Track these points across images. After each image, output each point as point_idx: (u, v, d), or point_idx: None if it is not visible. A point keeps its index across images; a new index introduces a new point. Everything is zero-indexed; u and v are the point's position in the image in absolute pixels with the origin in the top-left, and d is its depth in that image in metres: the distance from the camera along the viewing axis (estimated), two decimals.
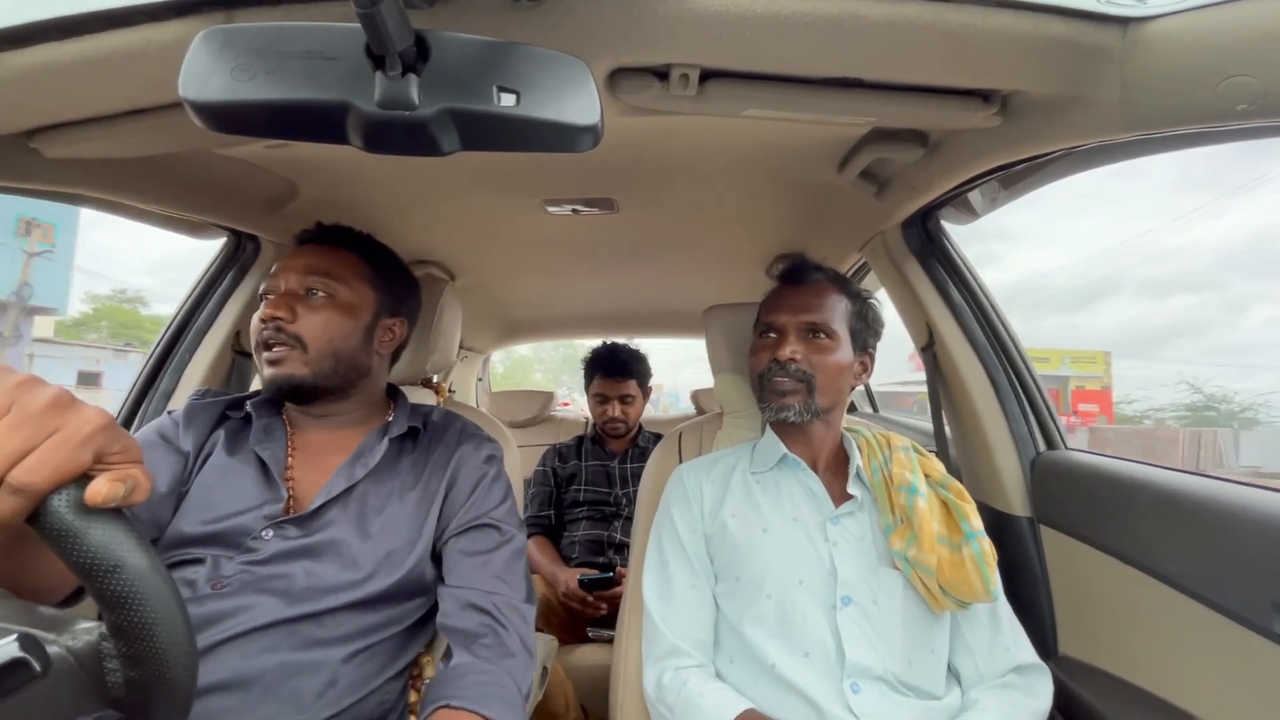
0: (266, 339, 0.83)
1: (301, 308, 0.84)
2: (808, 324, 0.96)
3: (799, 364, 0.94)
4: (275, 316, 0.82)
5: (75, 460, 0.41)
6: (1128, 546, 0.88)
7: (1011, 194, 0.99)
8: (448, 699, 0.70)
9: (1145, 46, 0.57)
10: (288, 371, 0.83)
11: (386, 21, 0.39)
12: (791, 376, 0.94)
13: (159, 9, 0.55)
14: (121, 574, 0.41)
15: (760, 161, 1.07)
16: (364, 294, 0.90)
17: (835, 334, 0.96)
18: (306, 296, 0.86)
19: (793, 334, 0.96)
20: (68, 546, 0.40)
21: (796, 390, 0.94)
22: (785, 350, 0.94)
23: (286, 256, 0.90)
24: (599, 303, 2.31)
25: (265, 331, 0.83)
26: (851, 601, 0.85)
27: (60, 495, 0.40)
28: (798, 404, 0.94)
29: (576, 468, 2.01)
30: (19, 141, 0.74)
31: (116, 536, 0.41)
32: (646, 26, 0.58)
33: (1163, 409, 20.15)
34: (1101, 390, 12.40)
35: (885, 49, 0.60)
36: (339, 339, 0.86)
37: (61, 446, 0.40)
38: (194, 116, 0.44)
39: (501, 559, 0.85)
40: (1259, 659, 0.69)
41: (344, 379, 0.88)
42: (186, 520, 0.77)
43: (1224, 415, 17.92)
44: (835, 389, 0.96)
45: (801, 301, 0.98)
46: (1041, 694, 0.83)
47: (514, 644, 0.79)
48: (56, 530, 0.40)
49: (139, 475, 0.44)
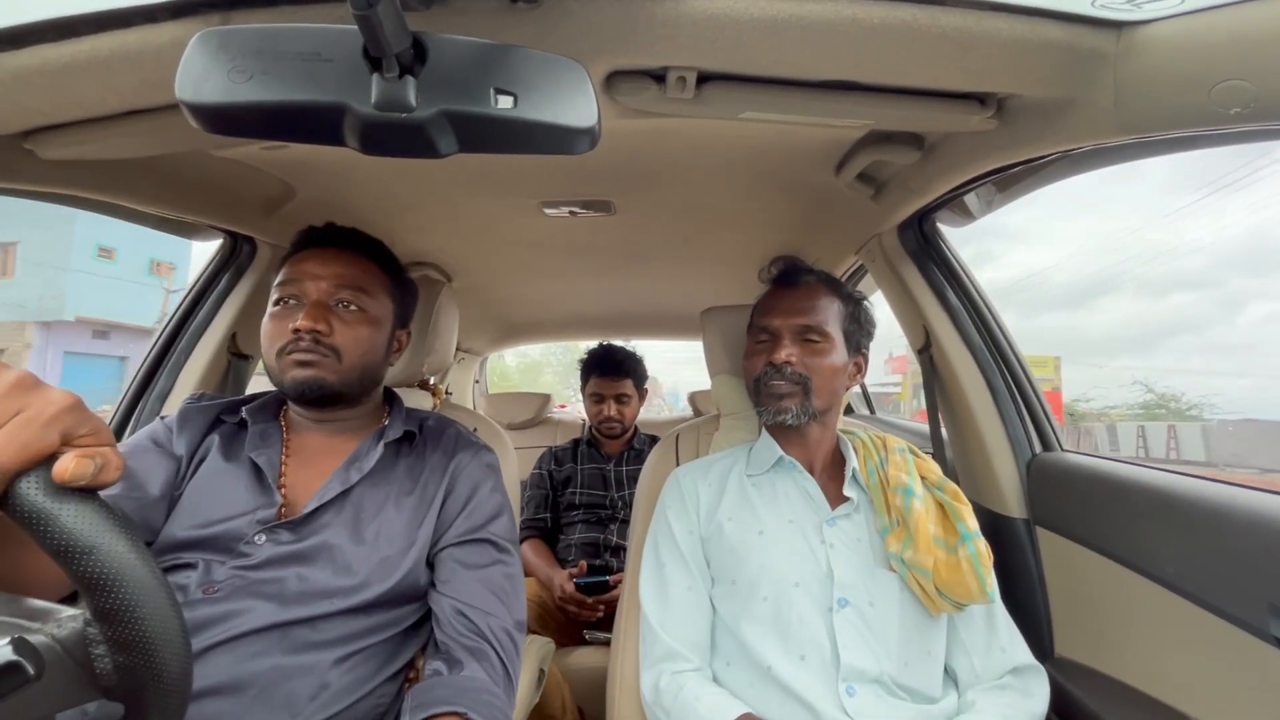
0: (302, 347, 0.82)
1: (335, 320, 0.84)
2: (802, 326, 0.97)
3: (794, 367, 0.94)
4: (314, 329, 0.82)
5: (42, 440, 0.40)
6: (1124, 548, 0.88)
7: (1007, 196, 0.99)
8: (466, 708, 0.70)
9: (1139, 50, 0.57)
10: (319, 375, 0.83)
11: (383, 23, 0.39)
12: (788, 380, 0.94)
13: (155, 10, 0.55)
14: (98, 555, 0.40)
15: (757, 164, 1.07)
16: (386, 307, 0.91)
17: (829, 336, 0.97)
18: (336, 308, 0.85)
19: (787, 337, 0.97)
20: (40, 529, 0.39)
21: (793, 393, 0.94)
22: (781, 353, 0.94)
23: (303, 257, 0.88)
24: (596, 304, 2.31)
25: (302, 341, 0.82)
26: (848, 603, 0.85)
27: (29, 477, 0.40)
28: (795, 406, 0.94)
29: (572, 471, 2.01)
30: (14, 143, 0.74)
31: (90, 518, 0.40)
32: (643, 29, 0.58)
33: (1117, 406, 21.45)
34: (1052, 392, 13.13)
35: (881, 52, 0.60)
36: (369, 353, 0.88)
37: (27, 426, 0.40)
38: (190, 118, 0.44)
39: (498, 577, 0.85)
40: (1254, 660, 0.69)
41: (364, 388, 0.90)
42: (178, 525, 0.77)
43: (1172, 412, 19.10)
44: (830, 391, 0.97)
45: (795, 304, 0.98)
46: (1038, 695, 0.83)
47: (510, 670, 0.79)
48: (27, 513, 0.39)
49: (109, 454, 0.43)
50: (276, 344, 0.84)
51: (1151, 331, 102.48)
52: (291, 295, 0.86)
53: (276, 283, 0.87)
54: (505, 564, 0.87)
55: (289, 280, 0.86)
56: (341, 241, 0.91)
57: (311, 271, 0.86)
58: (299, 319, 0.82)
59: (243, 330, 1.26)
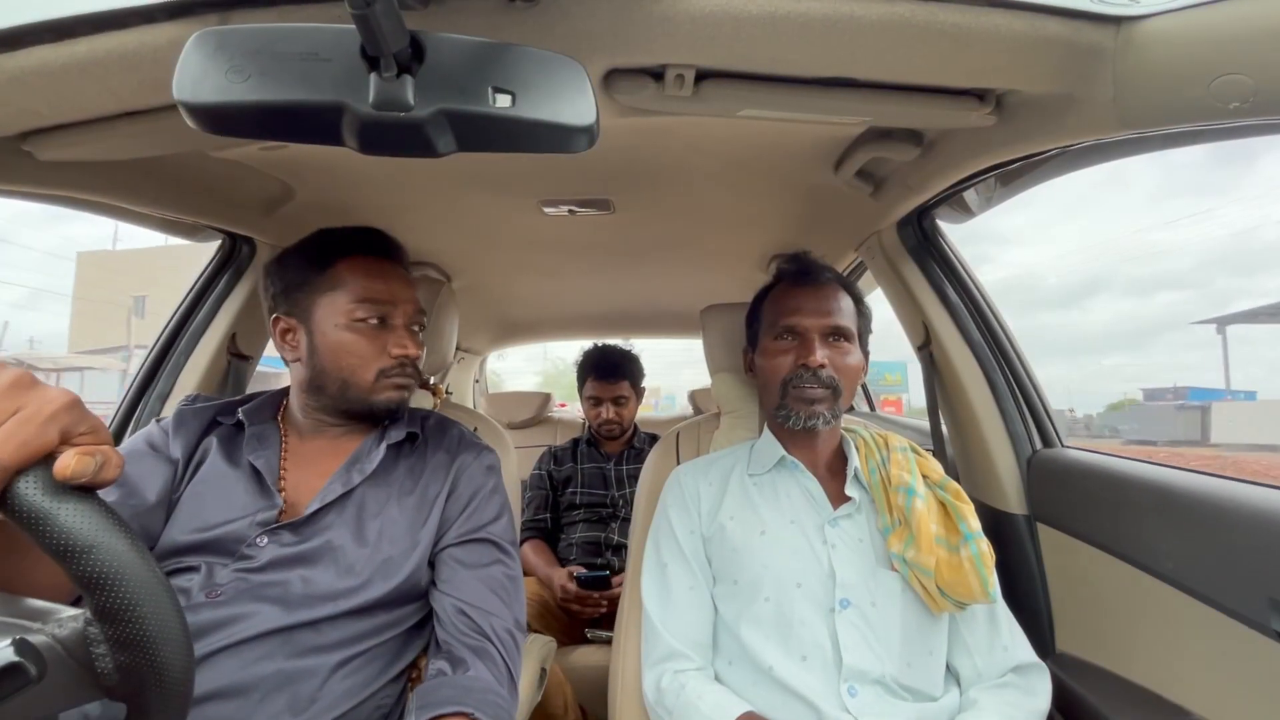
0: (407, 373, 0.89)
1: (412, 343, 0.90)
2: (832, 328, 0.95)
3: (829, 370, 0.92)
4: (417, 356, 0.90)
5: (41, 438, 0.40)
6: (1125, 544, 0.88)
7: (1007, 192, 0.99)
8: (472, 709, 0.70)
9: (1138, 45, 0.57)
10: (408, 397, 0.91)
11: (381, 22, 0.39)
12: (823, 384, 0.92)
13: (153, 11, 0.54)
14: (97, 554, 0.40)
15: (756, 161, 1.07)
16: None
17: (853, 337, 0.96)
18: (409, 326, 0.90)
19: (818, 339, 0.94)
20: (39, 528, 0.39)
21: (825, 398, 0.92)
22: (816, 356, 0.91)
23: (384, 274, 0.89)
24: (596, 303, 2.31)
25: (408, 368, 0.89)
26: (850, 604, 0.84)
27: (28, 475, 0.40)
28: (826, 411, 0.92)
29: (572, 471, 2.01)
30: (12, 144, 0.74)
31: (89, 517, 0.40)
32: (641, 27, 0.58)
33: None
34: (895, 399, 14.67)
35: (880, 49, 0.60)
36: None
37: (26, 424, 0.40)
38: (188, 118, 0.44)
39: (499, 577, 0.85)
40: (1256, 655, 0.69)
41: None
42: (178, 528, 0.77)
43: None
44: (852, 392, 0.97)
45: (822, 305, 0.96)
46: (1040, 693, 0.83)
47: (513, 670, 0.80)
48: (26, 512, 0.39)
49: (109, 452, 0.42)
50: (375, 365, 0.86)
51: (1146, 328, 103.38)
52: (382, 316, 0.87)
53: (359, 297, 0.86)
54: (506, 564, 0.87)
55: (380, 300, 0.87)
56: (392, 254, 0.93)
57: (400, 295, 0.89)
58: (405, 344, 0.87)
59: (242, 331, 1.26)
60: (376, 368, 0.86)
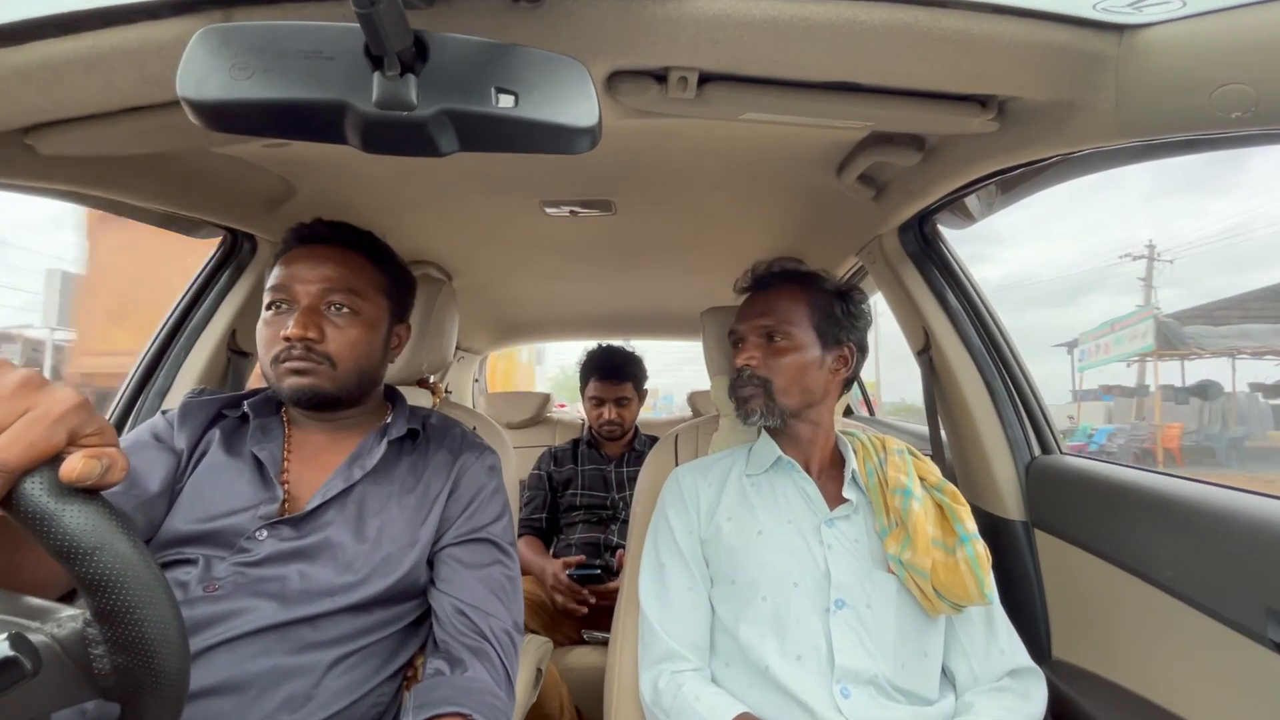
0: (295, 355, 0.81)
1: (326, 325, 0.82)
2: (762, 328, 0.98)
3: (754, 369, 0.96)
4: (305, 338, 0.80)
5: (49, 439, 0.40)
6: (1122, 551, 0.88)
7: (1008, 199, 0.99)
8: (470, 710, 0.70)
9: (1141, 54, 0.57)
10: (313, 383, 0.81)
11: (385, 21, 0.39)
12: (748, 383, 0.96)
13: (158, 7, 0.55)
14: (101, 556, 0.40)
15: (758, 165, 1.07)
16: (380, 305, 0.89)
17: (792, 335, 0.97)
18: (328, 311, 0.83)
19: (750, 340, 0.99)
20: (44, 529, 0.39)
21: (755, 395, 0.96)
22: (740, 357, 0.98)
23: (293, 257, 0.86)
24: (596, 304, 2.30)
25: (295, 350, 0.80)
26: (845, 605, 0.85)
27: (34, 476, 0.39)
28: (760, 407, 0.96)
29: (572, 472, 2.00)
30: (15, 138, 0.74)
31: (94, 519, 0.40)
32: (645, 29, 0.58)
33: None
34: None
35: (883, 53, 0.60)
36: (365, 356, 0.86)
37: (35, 425, 0.39)
38: (192, 115, 0.44)
39: (498, 577, 0.85)
40: (1252, 664, 0.69)
41: (362, 390, 0.89)
42: (180, 519, 0.77)
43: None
44: (800, 389, 0.96)
45: (756, 308, 1.01)
46: (1036, 698, 0.83)
47: (510, 671, 0.80)
48: (32, 513, 0.39)
49: (115, 454, 0.42)
50: (271, 351, 0.82)
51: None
52: (283, 300, 0.84)
53: (269, 285, 0.85)
54: (505, 565, 0.87)
55: (279, 284, 0.84)
56: (331, 238, 0.89)
57: (300, 275, 0.83)
58: (289, 326, 0.80)
59: (242, 327, 1.26)
60: (270, 355, 0.82)
